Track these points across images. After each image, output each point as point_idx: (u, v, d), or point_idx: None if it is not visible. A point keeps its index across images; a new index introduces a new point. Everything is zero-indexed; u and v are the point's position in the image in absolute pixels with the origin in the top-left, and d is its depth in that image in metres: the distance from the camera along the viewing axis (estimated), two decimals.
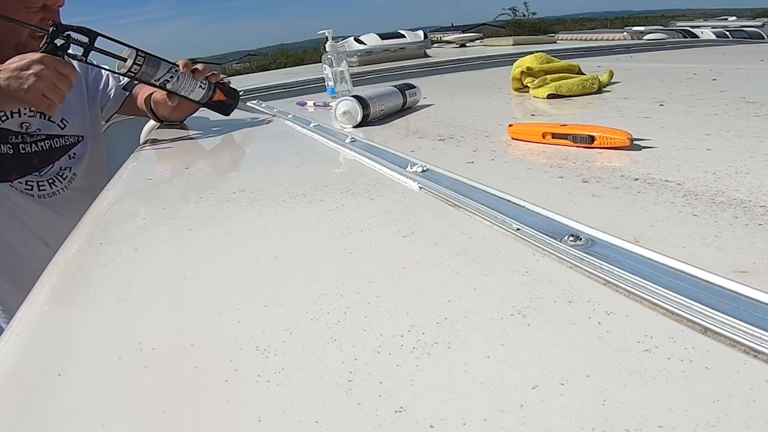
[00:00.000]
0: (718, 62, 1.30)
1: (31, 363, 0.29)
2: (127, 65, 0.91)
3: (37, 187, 0.99)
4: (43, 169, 1.00)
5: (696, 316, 0.25)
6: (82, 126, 1.06)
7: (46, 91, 0.79)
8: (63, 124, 1.02)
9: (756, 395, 0.20)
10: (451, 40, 3.50)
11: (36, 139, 0.99)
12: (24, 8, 0.87)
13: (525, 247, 0.35)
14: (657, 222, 0.36)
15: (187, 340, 0.29)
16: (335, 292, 0.32)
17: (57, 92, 0.80)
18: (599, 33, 3.15)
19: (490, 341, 0.25)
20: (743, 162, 0.47)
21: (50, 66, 0.79)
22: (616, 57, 1.71)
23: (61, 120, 1.02)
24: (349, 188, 0.53)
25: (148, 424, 0.23)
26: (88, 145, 1.07)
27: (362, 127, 0.87)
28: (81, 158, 1.06)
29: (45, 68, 0.78)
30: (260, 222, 0.47)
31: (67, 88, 0.82)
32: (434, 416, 0.21)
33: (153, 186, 0.70)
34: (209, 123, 1.12)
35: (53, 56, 0.80)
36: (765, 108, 0.67)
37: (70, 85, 0.82)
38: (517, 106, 0.95)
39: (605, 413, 0.20)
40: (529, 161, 0.56)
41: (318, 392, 0.23)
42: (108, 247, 0.45)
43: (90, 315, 0.34)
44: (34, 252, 0.97)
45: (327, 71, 1.20)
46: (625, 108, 0.78)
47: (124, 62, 0.91)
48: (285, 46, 24.54)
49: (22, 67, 0.77)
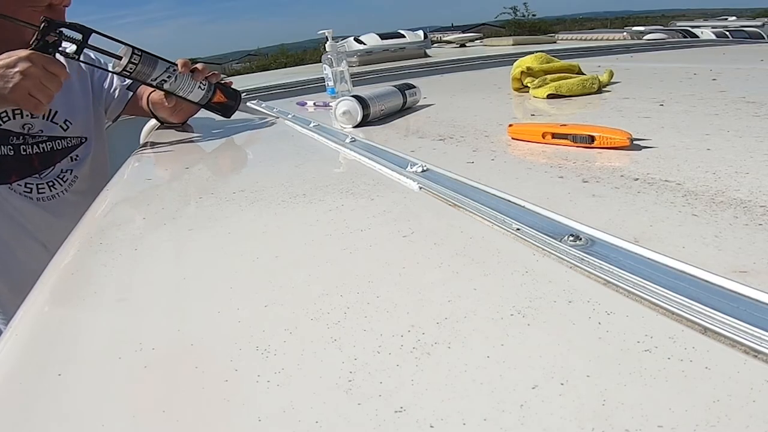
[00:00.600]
0: (718, 62, 1.30)
1: (31, 363, 0.29)
2: (122, 64, 0.88)
3: (36, 190, 0.98)
4: (43, 171, 0.98)
5: (696, 316, 0.25)
6: (86, 127, 1.04)
7: (33, 90, 0.75)
8: (66, 126, 1.00)
9: (756, 395, 0.20)
10: (451, 40, 3.50)
11: (38, 140, 0.97)
12: (29, 7, 0.84)
13: (525, 247, 0.35)
14: (657, 222, 0.36)
15: (187, 340, 0.29)
16: (335, 292, 0.32)
17: (44, 91, 0.77)
18: (599, 33, 3.15)
19: (490, 341, 0.25)
20: (743, 162, 0.47)
21: (38, 64, 0.75)
22: (616, 57, 1.71)
23: (65, 121, 1.00)
24: (349, 188, 0.53)
25: (148, 424, 0.23)
26: (91, 147, 1.05)
27: (362, 127, 0.87)
28: (84, 160, 1.04)
29: (32, 66, 0.74)
30: (260, 222, 0.47)
31: (56, 87, 0.79)
32: (434, 416, 0.21)
33: (153, 186, 0.70)
34: (209, 123, 1.12)
35: (42, 54, 0.77)
36: (765, 108, 0.67)
37: (59, 84, 0.79)
38: (517, 106, 0.95)
39: (605, 413, 0.20)
40: (529, 161, 0.56)
41: (318, 392, 0.23)
42: (108, 247, 0.45)
43: (90, 315, 0.34)
44: (33, 255, 0.95)
45: (327, 71, 1.20)
46: (625, 108, 0.78)
47: (119, 60, 0.88)
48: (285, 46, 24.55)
49: (8, 65, 0.74)
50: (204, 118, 1.15)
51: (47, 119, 0.97)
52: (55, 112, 0.98)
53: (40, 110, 0.80)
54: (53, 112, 0.98)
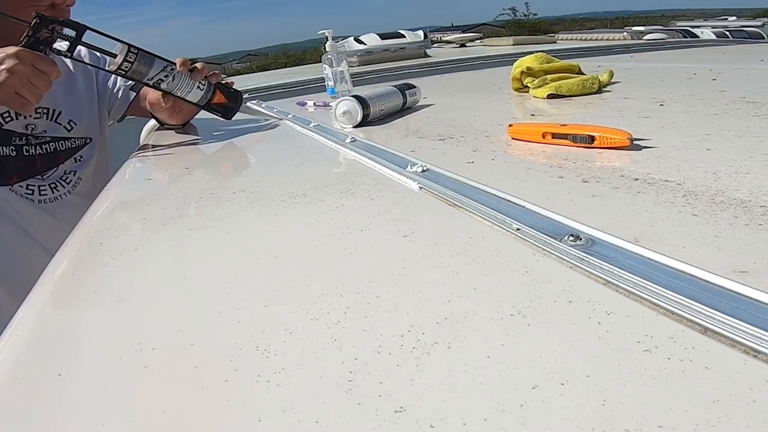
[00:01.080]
0: (718, 62, 1.30)
1: (31, 363, 0.29)
2: (117, 62, 0.84)
3: (38, 191, 0.96)
4: (46, 172, 0.96)
5: (696, 316, 0.25)
6: (90, 127, 1.02)
7: (20, 88, 0.72)
8: (70, 126, 0.98)
9: (756, 395, 0.20)
10: (451, 40, 3.50)
11: (41, 141, 0.95)
12: (31, 6, 0.82)
13: (525, 247, 0.35)
14: (657, 222, 0.36)
15: (187, 340, 0.29)
16: (335, 292, 0.32)
17: (32, 90, 0.74)
18: (599, 33, 3.15)
19: (490, 341, 0.25)
20: (743, 162, 0.47)
21: (26, 61, 0.72)
22: (616, 57, 1.71)
23: (69, 121, 0.98)
24: (349, 188, 0.53)
25: (148, 424, 0.23)
26: (95, 148, 1.03)
27: (362, 127, 0.87)
28: (88, 161, 1.02)
29: (19, 63, 0.71)
30: (260, 222, 0.47)
31: (45, 86, 0.75)
32: (434, 416, 0.21)
33: (153, 186, 0.70)
34: (210, 123, 1.12)
35: (31, 51, 0.74)
36: (765, 108, 0.67)
37: (48, 82, 0.76)
38: (517, 106, 0.95)
39: (605, 413, 0.20)
40: (529, 161, 0.56)
41: (318, 392, 0.23)
42: (108, 247, 0.45)
43: (90, 315, 0.34)
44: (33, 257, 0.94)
45: (327, 71, 1.20)
46: (625, 108, 0.78)
47: (114, 59, 0.85)
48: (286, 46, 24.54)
49: None
50: (204, 119, 1.15)
51: (51, 120, 0.96)
52: (59, 112, 0.97)
53: (27, 110, 0.77)
54: (57, 112, 0.96)
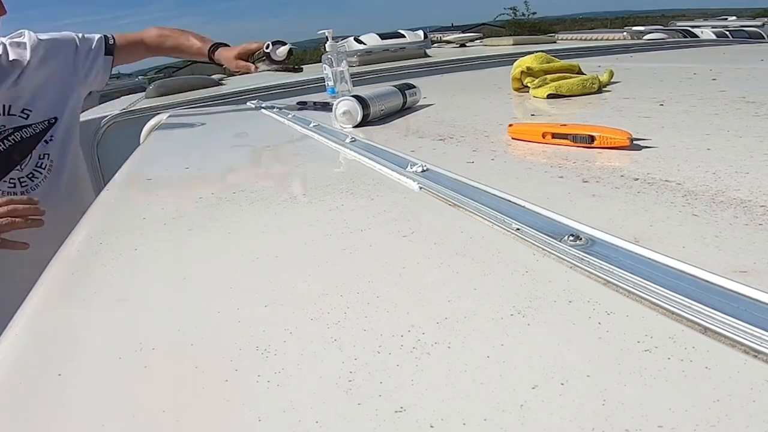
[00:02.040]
0: (718, 62, 1.30)
1: (31, 363, 0.29)
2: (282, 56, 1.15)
3: (19, 184, 1.00)
4: (23, 161, 1.01)
5: (696, 316, 0.25)
6: (53, 107, 1.06)
7: None
8: (25, 114, 1.02)
9: (756, 395, 0.20)
10: (451, 40, 3.50)
11: (5, 135, 0.99)
12: None
13: (525, 247, 0.35)
14: (657, 222, 0.36)
15: (187, 340, 0.29)
16: (335, 292, 0.32)
17: None
18: (599, 33, 3.15)
19: (490, 341, 0.25)
20: (743, 162, 0.47)
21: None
22: (616, 57, 1.71)
23: (22, 111, 1.01)
24: (349, 188, 0.53)
25: (148, 424, 0.23)
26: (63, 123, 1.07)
27: (362, 127, 0.87)
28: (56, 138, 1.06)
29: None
30: (260, 222, 0.47)
31: None
32: (434, 416, 0.21)
33: (153, 186, 0.70)
34: (210, 123, 1.12)
35: None
36: (765, 108, 0.67)
37: None
38: (517, 106, 0.95)
39: (605, 413, 0.20)
40: (529, 161, 0.56)
41: (318, 392, 0.23)
42: (108, 247, 0.45)
43: (90, 315, 0.34)
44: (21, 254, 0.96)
45: (327, 71, 1.20)
46: (625, 108, 0.78)
47: None
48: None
49: None
50: (205, 119, 1.15)
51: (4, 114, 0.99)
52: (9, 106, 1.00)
53: None
54: (7, 106, 1.00)
